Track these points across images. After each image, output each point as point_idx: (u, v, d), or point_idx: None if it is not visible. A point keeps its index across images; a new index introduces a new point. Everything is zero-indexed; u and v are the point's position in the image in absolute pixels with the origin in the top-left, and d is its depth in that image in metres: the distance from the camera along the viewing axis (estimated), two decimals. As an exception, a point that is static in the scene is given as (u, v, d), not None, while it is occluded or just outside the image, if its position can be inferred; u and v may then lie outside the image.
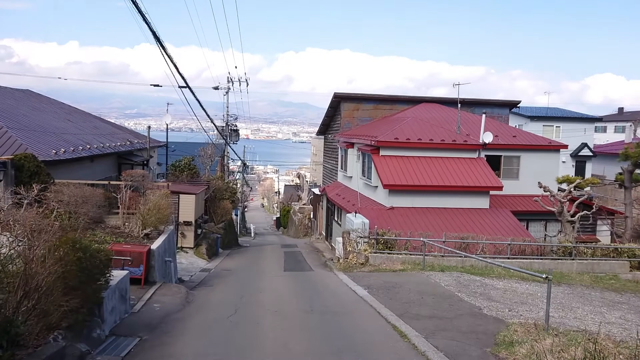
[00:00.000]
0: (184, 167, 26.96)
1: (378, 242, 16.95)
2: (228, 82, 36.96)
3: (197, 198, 21.44)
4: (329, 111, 32.93)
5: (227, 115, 36.91)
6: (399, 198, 22.02)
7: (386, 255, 16.74)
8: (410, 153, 23.33)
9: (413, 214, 21.52)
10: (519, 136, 27.08)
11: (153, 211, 12.96)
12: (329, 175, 34.79)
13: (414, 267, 15.87)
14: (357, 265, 16.25)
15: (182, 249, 20.87)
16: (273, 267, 18.95)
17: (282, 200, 78.23)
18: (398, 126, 24.62)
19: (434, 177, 22.25)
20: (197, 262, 19.57)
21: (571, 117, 47.90)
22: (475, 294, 12.23)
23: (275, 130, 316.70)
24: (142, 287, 10.97)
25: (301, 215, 48.76)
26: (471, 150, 23.79)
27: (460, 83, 26.50)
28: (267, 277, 16.11)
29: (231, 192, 28.81)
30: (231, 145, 38.04)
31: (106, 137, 24.25)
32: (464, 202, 22.46)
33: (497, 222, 21.38)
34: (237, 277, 16.30)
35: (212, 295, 12.33)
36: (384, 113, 31.22)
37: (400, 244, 17.45)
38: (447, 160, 23.36)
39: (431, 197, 22.22)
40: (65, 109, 26.64)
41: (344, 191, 27.32)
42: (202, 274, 17.04)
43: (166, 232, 13.66)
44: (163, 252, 12.62)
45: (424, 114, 27.64)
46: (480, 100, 32.73)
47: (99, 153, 20.43)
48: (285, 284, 14.39)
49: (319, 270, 17.77)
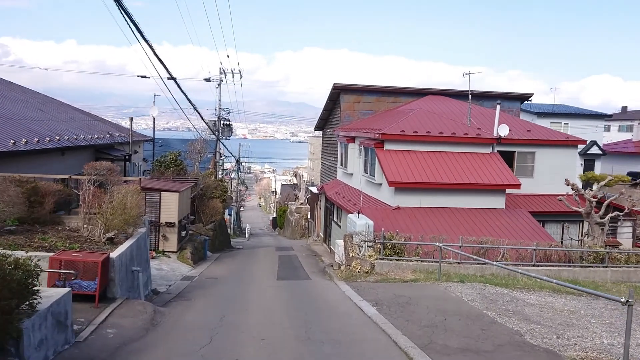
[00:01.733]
0: (169, 162, 24.72)
1: (385, 247, 14.76)
2: (220, 74, 34.73)
3: (181, 196, 19.21)
4: (328, 104, 30.73)
5: (219, 108, 34.67)
6: (405, 197, 19.84)
7: (394, 262, 14.55)
8: (418, 147, 21.15)
9: (422, 214, 19.34)
10: (533, 131, 24.91)
11: (118, 210, 10.75)
12: (327, 172, 32.60)
13: (428, 276, 13.69)
14: (361, 273, 14.05)
15: (164, 253, 18.63)
16: (265, 275, 16.74)
17: (279, 199, 76.13)
18: (404, 118, 22.44)
19: (444, 174, 20.07)
20: (179, 269, 17.34)
21: (579, 113, 45.82)
22: (508, 312, 10.05)
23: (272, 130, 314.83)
24: (97, 306, 8.75)
25: (298, 216, 46.58)
26: (484, 144, 21.63)
27: (470, 72, 24.35)
28: (257, 287, 13.90)
29: (222, 191, 26.56)
30: (223, 141, 35.81)
31: (83, 129, 22.00)
32: (477, 201, 20.30)
33: (515, 224, 19.21)
34: (222, 287, 14.08)
35: (187, 315, 10.11)
36: (387, 106, 29.03)
37: (410, 249, 15.27)
38: (458, 156, 21.19)
39: (441, 195, 20.06)
40: (39, 99, 24.38)
41: (344, 189, 25.14)
42: (183, 283, 14.81)
43: (136, 235, 11.44)
44: (128, 261, 10.40)
45: (431, 107, 25.45)
46: (490, 92, 30.58)
47: (70, 145, 18.19)
48: (278, 298, 12.18)
49: (318, 278, 15.57)
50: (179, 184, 20.64)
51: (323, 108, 31.70)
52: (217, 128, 34.26)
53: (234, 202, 53.76)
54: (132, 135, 24.05)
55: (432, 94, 29.33)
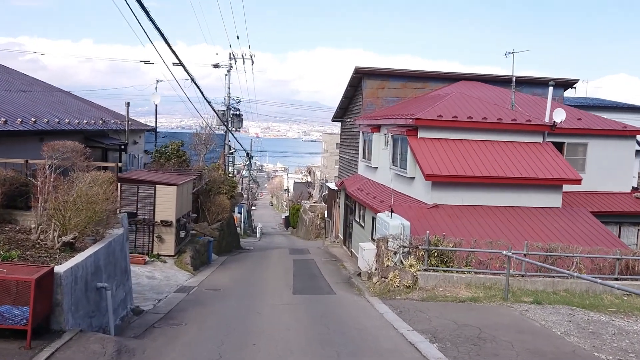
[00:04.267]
0: (170, 154, 21.85)
1: (430, 255, 11.70)
2: (230, 60, 31.82)
3: (179, 190, 16.32)
4: (348, 91, 27.66)
5: (228, 97, 31.75)
6: (444, 193, 16.76)
7: (442, 274, 11.50)
8: (458, 135, 18.04)
9: (464, 214, 16.25)
10: (584, 119, 21.63)
11: (79, 205, 7.89)
12: (347, 167, 29.55)
13: (487, 293, 10.64)
14: (400, 288, 11.02)
15: (159, 258, 15.77)
16: (278, 286, 13.76)
17: (292, 198, 73.48)
18: (440, 103, 19.32)
19: (490, 166, 16.95)
20: (175, 277, 14.45)
21: (614, 106, 42.11)
22: (627, 353, 6.98)
23: (285, 129, 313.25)
24: (28, 347, 5.85)
25: (312, 215, 43.71)
26: (535, 132, 18.44)
27: (515, 51, 21.16)
28: (268, 305, 10.92)
29: (230, 186, 23.65)
30: (233, 132, 32.91)
31: (71, 114, 19.22)
32: (529, 199, 17.15)
33: (577, 227, 16.04)
34: (224, 305, 11.13)
35: (169, 353, 7.15)
36: (415, 93, 25.90)
37: (460, 257, 12.20)
38: (505, 146, 18.06)
39: (486, 192, 16.94)
40: (25, 80, 21.67)
41: (368, 185, 22.11)
42: (177, 297, 11.91)
43: (107, 239, 8.54)
44: (90, 275, 7.51)
45: (466, 93, 22.28)
46: (530, 78, 27.31)
47: (48, 129, 15.36)
48: (296, 324, 9.20)
49: (343, 292, 12.55)
50: (177, 176, 17.76)
51: (342, 96, 28.64)
52: (226, 118, 31.36)
53: (245, 200, 51.01)
54: (128, 122, 21.23)
55: (466, 79, 26.13)
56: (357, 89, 27.10)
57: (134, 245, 15.78)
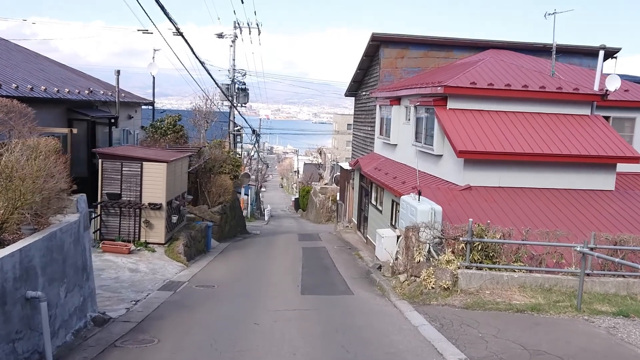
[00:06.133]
0: (166, 128, 19.59)
1: (473, 248, 9.37)
2: (235, 29, 29.31)
3: (171, 168, 14.09)
4: (363, 61, 25.12)
5: (233, 70, 29.30)
6: (478, 173, 14.38)
7: (488, 272, 9.18)
8: (493, 106, 15.60)
9: (502, 197, 13.88)
10: (632, 91, 18.99)
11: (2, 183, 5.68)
12: (361, 145, 27.15)
13: (548, 298, 8.33)
14: (437, 291, 8.73)
15: (147, 246, 13.61)
16: (284, 282, 11.53)
17: (302, 179, 71.46)
18: (472, 69, 16.81)
19: (532, 141, 14.51)
20: (164, 269, 12.29)
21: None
22: None
23: (295, 111, 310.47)
24: None
25: (323, 197, 41.56)
26: (583, 103, 15.91)
27: (556, 11, 18.47)
28: (269, 311, 8.68)
29: (233, 165, 21.39)
30: (238, 108, 30.54)
31: (52, 82, 16.97)
32: (577, 180, 14.73)
33: (637, 214, 13.61)
34: (214, 310, 8.92)
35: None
36: (437, 62, 23.34)
37: (508, 251, 9.86)
38: (548, 118, 15.59)
39: (526, 171, 14.55)
40: (5, 46, 19.36)
41: (386, 164, 19.75)
42: (159, 297, 9.74)
43: (48, 229, 6.33)
44: (11, 282, 5.31)
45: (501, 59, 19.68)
46: (566, 46, 24.54)
47: (17, 96, 13.08)
48: (303, 346, 6.95)
49: (363, 292, 10.28)
50: (171, 153, 15.50)
51: (357, 67, 26.12)
52: (230, 93, 28.97)
53: (254, 181, 48.88)
54: (118, 92, 18.94)
55: (494, 47, 23.46)
56: (374, 59, 24.57)
57: (117, 232, 13.65)
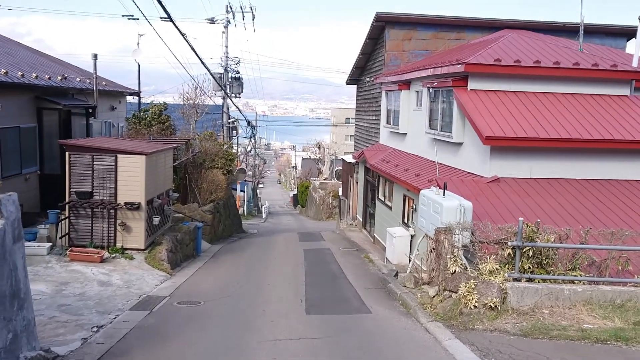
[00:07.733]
0: (151, 119, 17.62)
1: (524, 255, 7.42)
2: (227, 13, 27.29)
3: (151, 162, 12.13)
4: (367, 45, 23.13)
5: (225, 57, 27.27)
6: (507, 162, 12.45)
7: (542, 284, 7.26)
8: (520, 86, 13.66)
9: (536, 190, 11.97)
10: (667, 70, 17.07)
11: None
12: (364, 137, 25.19)
13: (627, 318, 6.42)
14: (481, 310, 6.81)
15: (124, 253, 11.66)
16: (284, 297, 9.59)
17: (300, 175, 69.56)
18: (494, 45, 14.87)
19: (569, 125, 12.58)
20: (142, 281, 10.35)
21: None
22: None
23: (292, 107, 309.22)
24: None
25: (323, 192, 39.74)
26: (622, 82, 13.97)
27: (584, -19, 16.51)
28: (266, 343, 6.73)
29: (226, 159, 19.41)
30: (233, 99, 28.52)
31: (20, 67, 14.99)
32: (620, 169, 12.80)
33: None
34: (194, 342, 6.97)
35: None
36: (448, 45, 21.36)
37: (562, 256, 7.93)
38: (583, 99, 13.67)
39: (561, 160, 12.62)
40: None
41: (394, 156, 17.83)
42: (131, 320, 7.80)
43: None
44: None
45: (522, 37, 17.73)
46: (586, 25, 22.50)
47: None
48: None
49: (382, 310, 8.34)
50: (150, 144, 13.52)
51: (360, 52, 24.13)
52: (223, 82, 26.96)
53: (251, 177, 46.92)
54: (96, 79, 16.92)
55: (510, 27, 21.43)
56: (378, 42, 22.59)
57: (90, 237, 11.70)
